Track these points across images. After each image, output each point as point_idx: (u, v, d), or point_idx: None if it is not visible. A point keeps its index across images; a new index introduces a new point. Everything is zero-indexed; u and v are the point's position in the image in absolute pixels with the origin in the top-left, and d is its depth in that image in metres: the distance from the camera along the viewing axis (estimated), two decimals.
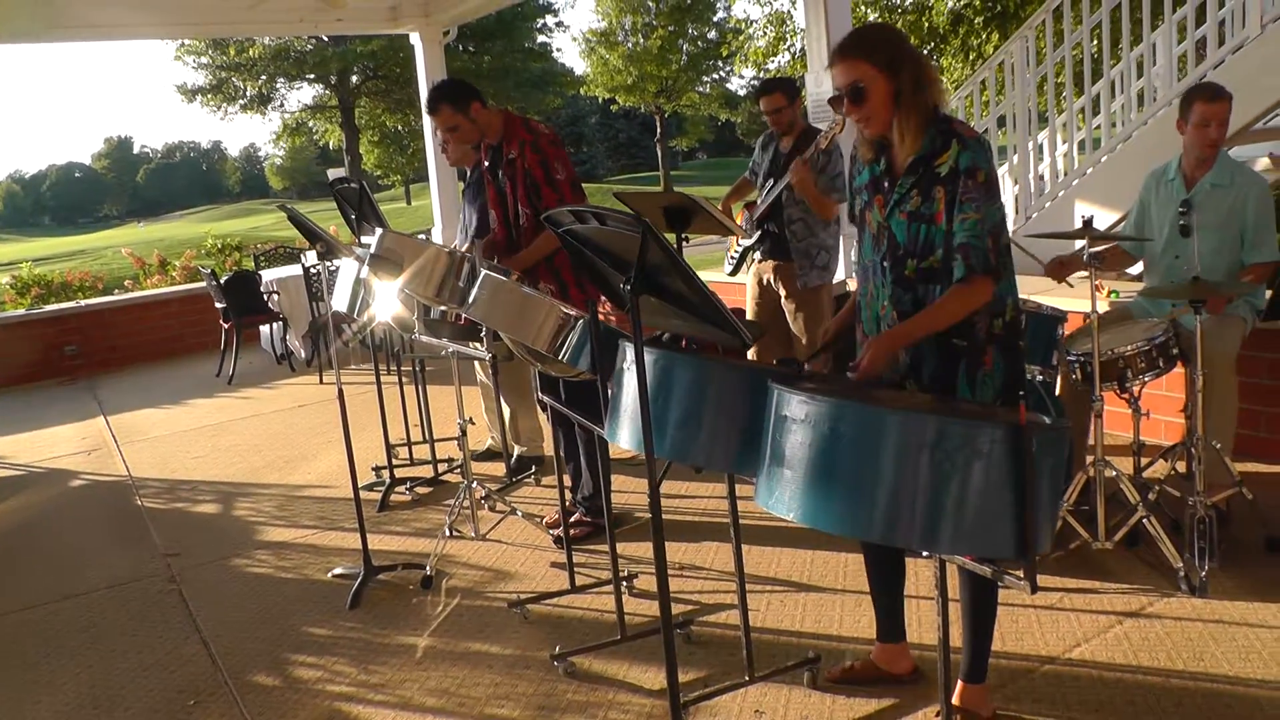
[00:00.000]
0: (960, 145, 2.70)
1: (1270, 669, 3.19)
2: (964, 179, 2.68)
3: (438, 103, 4.65)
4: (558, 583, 4.25)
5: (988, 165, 2.71)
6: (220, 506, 5.79)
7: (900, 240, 2.82)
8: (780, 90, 5.33)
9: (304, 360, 9.75)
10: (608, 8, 38.39)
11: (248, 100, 36.34)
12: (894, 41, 2.80)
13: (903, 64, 2.73)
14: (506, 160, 4.61)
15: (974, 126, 3.18)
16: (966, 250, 2.69)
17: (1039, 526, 2.10)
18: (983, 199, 2.68)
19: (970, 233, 2.68)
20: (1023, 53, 7.87)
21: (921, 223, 2.76)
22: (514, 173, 4.59)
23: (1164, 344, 4.05)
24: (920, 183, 2.76)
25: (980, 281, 2.70)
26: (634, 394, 2.76)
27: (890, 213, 2.84)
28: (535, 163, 4.52)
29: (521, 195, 4.57)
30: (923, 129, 2.75)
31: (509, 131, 4.63)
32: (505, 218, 4.70)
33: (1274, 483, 4.68)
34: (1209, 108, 4.24)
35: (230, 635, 4.09)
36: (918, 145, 2.75)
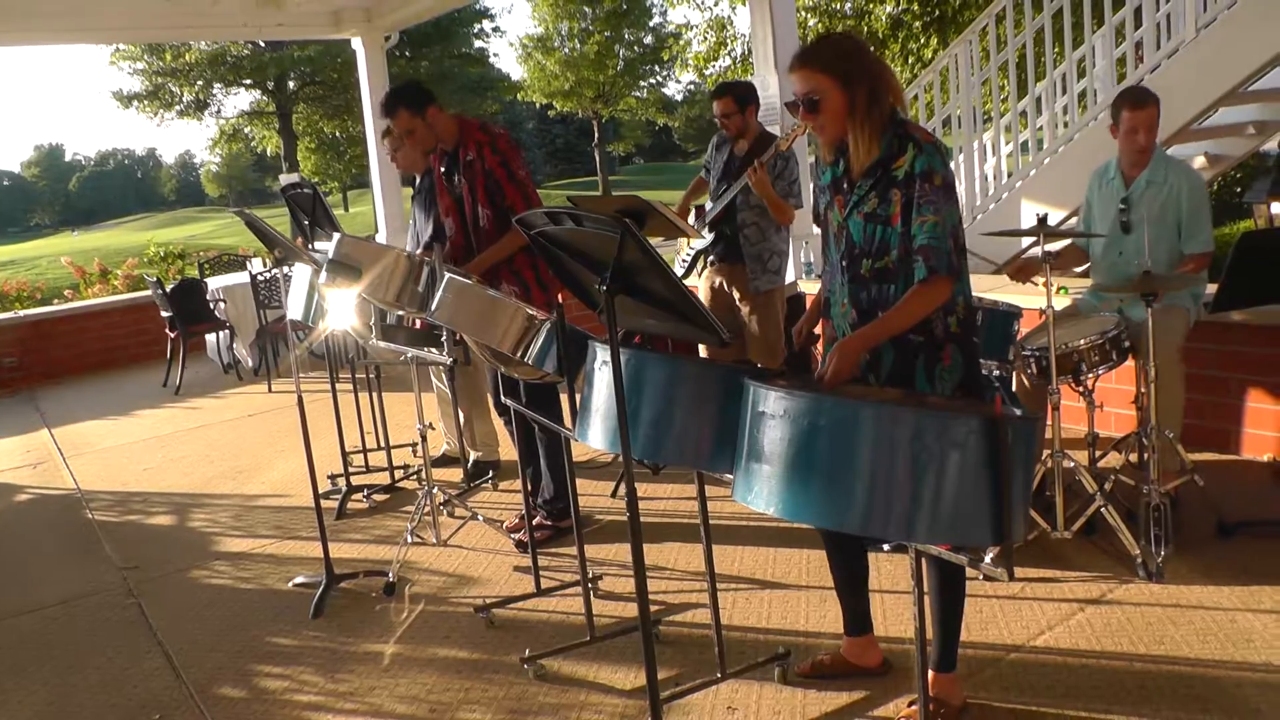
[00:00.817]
0: (916, 149, 2.76)
1: (1227, 649, 3.28)
2: (920, 182, 2.74)
3: (395, 106, 4.64)
4: (521, 587, 4.24)
5: (944, 169, 2.77)
6: (175, 518, 5.70)
7: (857, 240, 2.88)
8: (732, 95, 5.32)
9: (251, 369, 9.63)
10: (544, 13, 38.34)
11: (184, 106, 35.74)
12: (852, 54, 2.83)
13: (857, 77, 2.78)
14: (464, 163, 4.60)
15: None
16: (927, 252, 2.74)
17: (1014, 514, 2.14)
18: (941, 201, 2.74)
19: (930, 234, 2.74)
20: (966, 56, 8.00)
21: (877, 224, 2.83)
22: (473, 174, 4.58)
23: (1116, 337, 4.15)
24: (877, 185, 2.82)
25: (940, 281, 2.75)
26: (605, 394, 2.78)
27: (848, 214, 2.90)
28: (496, 163, 4.54)
29: (482, 196, 4.57)
30: (877, 136, 2.81)
31: (464, 135, 4.63)
32: (463, 223, 4.69)
33: (1221, 470, 4.81)
34: (1134, 114, 4.35)
35: (193, 648, 4.03)
36: (874, 151, 2.82)
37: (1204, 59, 6.69)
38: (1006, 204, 7.80)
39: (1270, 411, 4.90)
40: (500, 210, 4.55)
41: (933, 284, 2.75)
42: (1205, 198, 4.44)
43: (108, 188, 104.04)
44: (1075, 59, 7.57)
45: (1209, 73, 6.67)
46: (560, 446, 4.37)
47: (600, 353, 2.81)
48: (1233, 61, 6.58)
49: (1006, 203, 7.82)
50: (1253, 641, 3.31)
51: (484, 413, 5.80)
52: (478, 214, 4.60)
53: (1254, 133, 8.10)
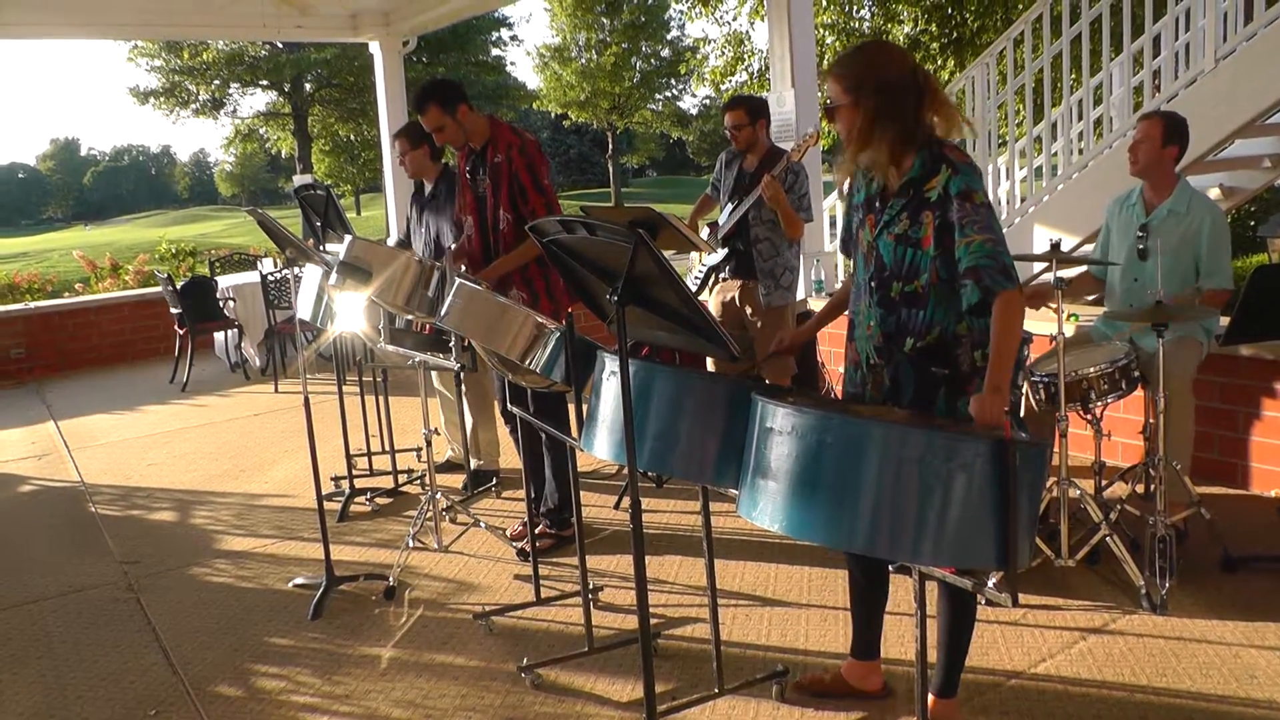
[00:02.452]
0: (951, 170, 2.70)
1: (1230, 685, 3.25)
2: (959, 202, 2.68)
3: (426, 102, 4.60)
4: (522, 595, 4.23)
5: (981, 187, 2.72)
6: (177, 514, 5.69)
7: (887, 262, 2.83)
8: (744, 107, 5.33)
9: (258, 369, 9.64)
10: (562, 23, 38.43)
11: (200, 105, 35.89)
12: (870, 66, 2.75)
13: (868, 89, 2.70)
14: (491, 164, 4.58)
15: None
16: (978, 274, 2.65)
17: (1020, 539, 2.12)
18: (986, 219, 2.68)
19: (979, 254, 2.66)
20: (984, 79, 8.01)
21: (908, 246, 2.78)
22: (499, 176, 4.56)
23: (1126, 366, 4.13)
24: (909, 206, 2.77)
25: (1010, 298, 2.66)
26: (613, 404, 2.77)
27: (879, 233, 2.84)
28: (523, 166, 4.51)
29: (504, 199, 4.55)
30: (897, 151, 2.74)
31: (496, 135, 4.61)
32: (482, 223, 4.68)
33: (1229, 503, 4.78)
34: (1139, 125, 4.42)
35: (191, 645, 4.03)
36: (903, 168, 2.76)
37: (1222, 90, 6.68)
38: (1020, 229, 7.79)
39: (1279, 447, 4.87)
40: (520, 216, 4.53)
41: (1005, 301, 2.65)
42: (1227, 234, 4.42)
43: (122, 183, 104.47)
44: (1092, 85, 7.57)
45: (1226, 104, 6.66)
46: (566, 456, 4.36)
47: (609, 363, 2.80)
48: (1251, 94, 6.57)
49: (1020, 227, 7.80)
50: (1256, 678, 3.29)
51: (489, 421, 5.80)
52: (498, 217, 4.59)
53: (1270, 166, 8.07)
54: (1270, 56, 6.43)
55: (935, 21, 13.96)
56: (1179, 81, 7.04)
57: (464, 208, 4.76)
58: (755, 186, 5.14)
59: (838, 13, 14.87)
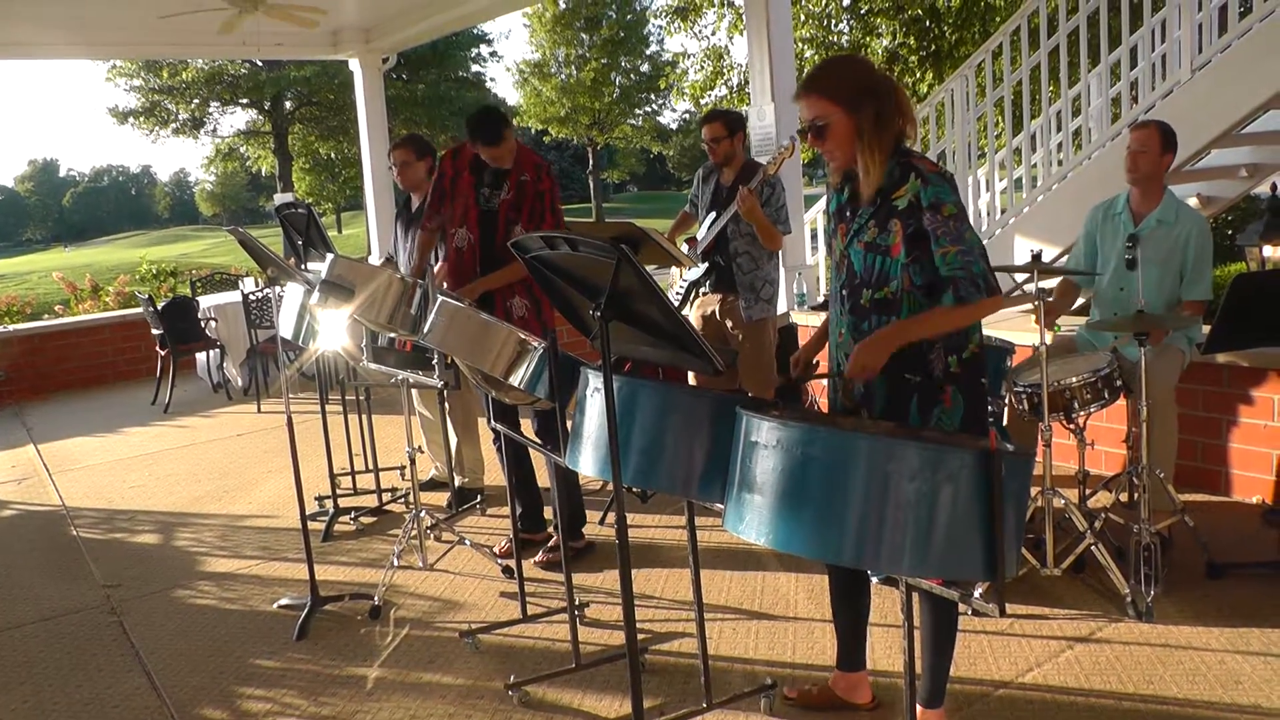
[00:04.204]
0: (921, 180, 2.72)
1: (1215, 691, 3.27)
2: (930, 214, 2.70)
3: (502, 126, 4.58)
4: (508, 612, 4.22)
5: (952, 197, 2.72)
6: (160, 537, 5.65)
7: (857, 270, 2.85)
8: (721, 120, 5.37)
9: (240, 389, 9.60)
10: (542, 39, 38.47)
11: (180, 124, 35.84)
12: (858, 77, 2.79)
13: (864, 100, 2.73)
14: (518, 181, 4.64)
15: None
16: (956, 283, 2.70)
17: (1007, 550, 2.12)
18: (958, 229, 2.70)
19: (953, 265, 2.69)
20: (962, 91, 8.05)
21: (877, 254, 2.79)
22: (524, 194, 4.64)
23: (1109, 375, 4.15)
24: (877, 214, 2.79)
25: (985, 303, 2.72)
26: (597, 420, 2.76)
27: (849, 242, 2.87)
28: (549, 189, 4.67)
29: (525, 216, 4.63)
30: (884, 162, 2.77)
31: (523, 156, 4.71)
32: (486, 238, 4.70)
33: (1212, 510, 4.81)
34: (1132, 135, 4.50)
35: (175, 668, 3.99)
36: (880, 178, 2.79)
37: (1198, 100, 6.74)
38: (1000, 240, 7.82)
39: (1260, 454, 4.90)
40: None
41: (978, 304, 2.71)
42: (1210, 246, 4.46)
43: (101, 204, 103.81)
44: (1070, 97, 7.62)
45: (1203, 114, 6.71)
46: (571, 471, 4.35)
47: (593, 379, 2.79)
48: (1227, 104, 6.63)
49: (1000, 239, 7.84)
50: (1241, 684, 3.30)
51: (473, 438, 5.78)
52: (511, 230, 4.63)
53: (1246, 175, 8.14)
54: (1245, 66, 6.49)
55: (913, 35, 14.05)
56: (1156, 92, 7.10)
57: (461, 219, 4.76)
58: (733, 200, 5.16)
59: (816, 27, 14.95)
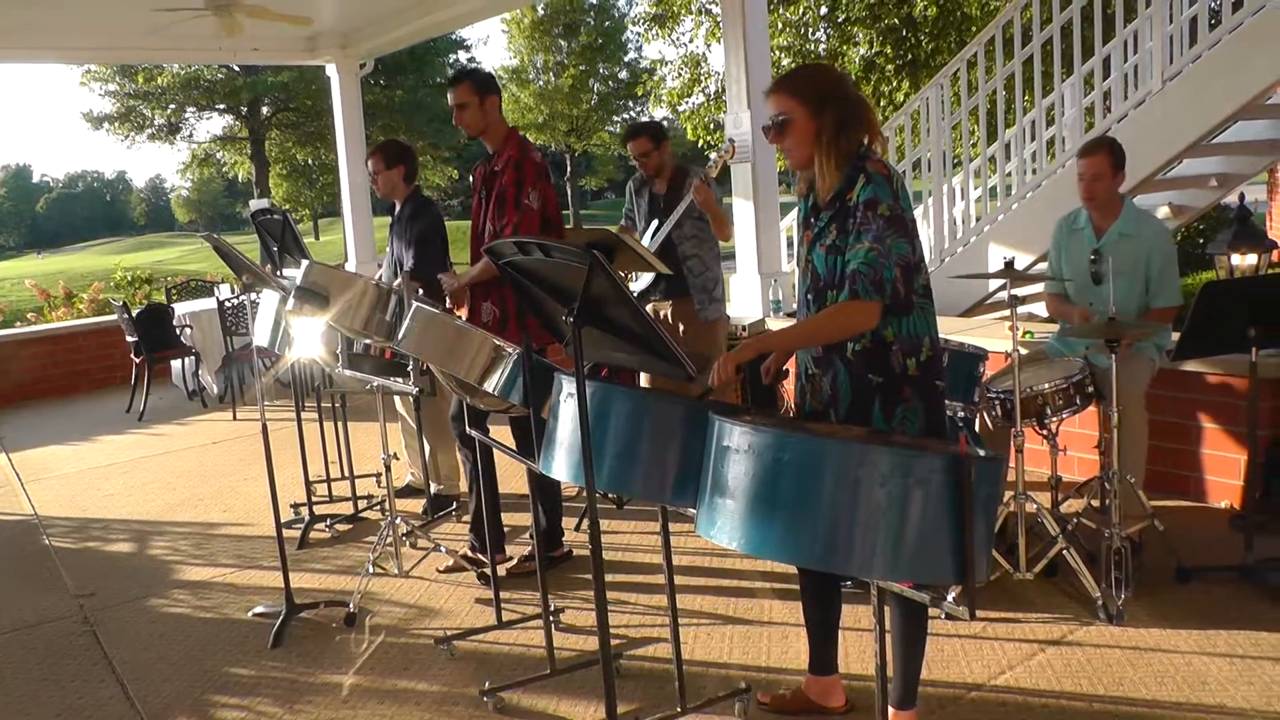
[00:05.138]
0: (865, 179, 2.77)
1: (1184, 692, 3.31)
2: (862, 210, 2.75)
3: (462, 78, 4.60)
4: (483, 618, 4.22)
5: (891, 199, 2.75)
6: (135, 546, 5.61)
7: (821, 273, 2.90)
8: (646, 134, 5.47)
9: (216, 396, 9.55)
10: (520, 45, 38.38)
11: (156, 129, 35.57)
12: (827, 83, 2.87)
13: (829, 104, 2.80)
14: (492, 171, 4.62)
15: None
16: (854, 277, 2.74)
17: (977, 554, 2.14)
18: (880, 230, 2.72)
19: (860, 260, 2.73)
20: (937, 100, 8.11)
21: (838, 255, 2.84)
22: (491, 186, 4.59)
23: (1080, 382, 4.19)
24: (836, 217, 2.84)
25: (864, 305, 2.74)
26: (571, 426, 2.77)
27: (812, 246, 2.92)
28: (511, 181, 4.52)
29: (492, 210, 4.58)
30: (841, 167, 2.82)
31: (506, 145, 4.62)
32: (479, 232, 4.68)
33: (1181, 516, 4.85)
34: (1081, 162, 4.47)
35: (149, 677, 3.97)
36: (836, 182, 2.83)
37: (1170, 111, 6.81)
38: (975, 247, 7.88)
39: (1230, 459, 4.95)
40: (496, 230, 4.55)
41: (852, 305, 2.75)
42: (1174, 254, 4.50)
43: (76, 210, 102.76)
44: (1044, 106, 7.69)
45: (1174, 124, 6.79)
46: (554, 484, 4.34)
47: (566, 385, 2.80)
48: (1197, 114, 6.71)
49: (974, 246, 7.90)
50: (1208, 684, 3.34)
51: (448, 445, 5.77)
52: (484, 227, 4.61)
53: (1216, 185, 8.23)
54: (1216, 77, 6.57)
55: (890, 44, 14.14)
56: (1128, 102, 7.17)
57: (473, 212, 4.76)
58: (671, 209, 5.29)
59: (794, 35, 15.03)
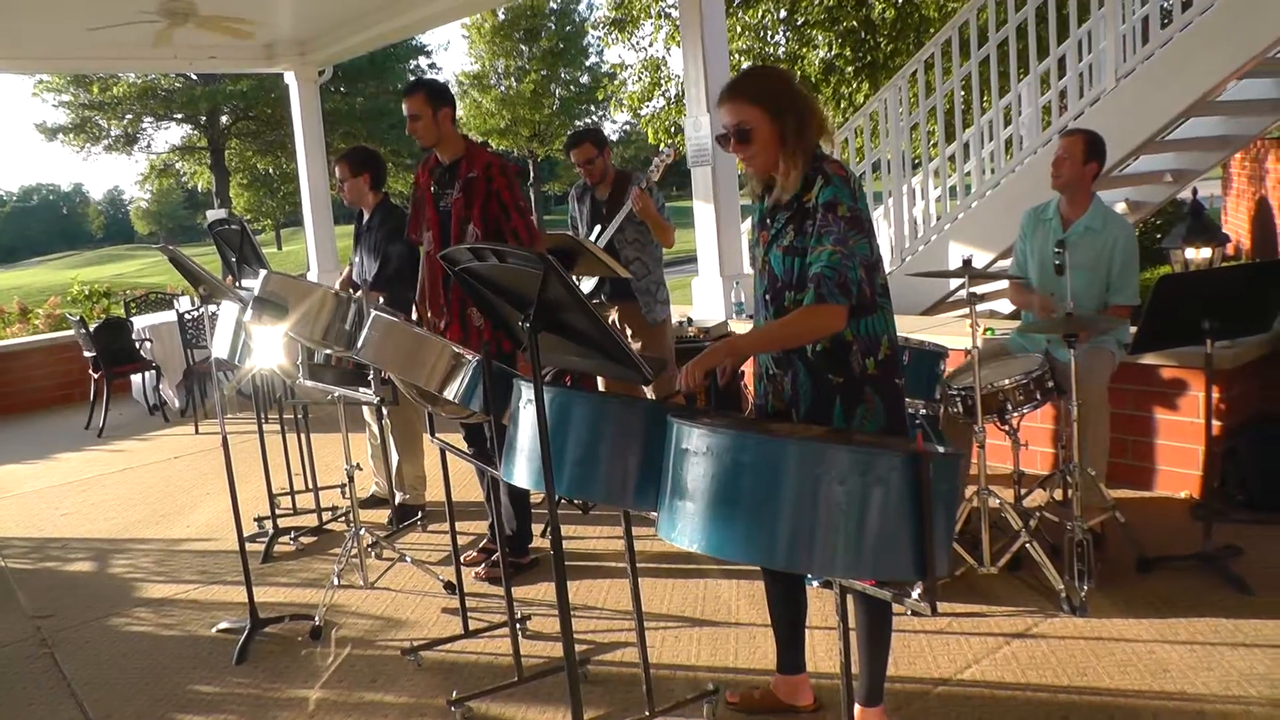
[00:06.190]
0: (824, 181, 2.79)
1: (1145, 680, 3.35)
2: (823, 212, 2.76)
3: (418, 88, 4.58)
4: (450, 628, 4.19)
5: (851, 200, 2.77)
6: (95, 564, 5.53)
7: (778, 274, 2.91)
8: (589, 140, 5.53)
9: (177, 410, 9.45)
10: (481, 50, 38.21)
11: (112, 140, 35.09)
12: (781, 86, 2.89)
13: (788, 108, 2.82)
14: (465, 179, 4.54)
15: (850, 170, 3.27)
16: (819, 279, 2.75)
17: (937, 550, 2.15)
18: (843, 232, 2.74)
19: (824, 263, 2.74)
20: (895, 101, 8.17)
21: (796, 256, 2.85)
22: (473, 191, 4.52)
23: (1040, 377, 4.22)
24: (794, 218, 2.85)
25: (830, 309, 2.75)
26: (531, 432, 2.76)
27: (769, 247, 2.93)
28: (504, 185, 4.51)
29: (477, 213, 4.50)
30: (803, 169, 2.84)
31: (471, 153, 4.60)
32: (444, 238, 4.60)
33: (1143, 506, 4.91)
34: (1060, 141, 4.60)
35: (110, 698, 3.91)
36: (797, 184, 2.85)
37: (1124, 108, 6.89)
38: (935, 246, 7.94)
39: (1188, 450, 5.01)
40: (493, 233, 4.53)
41: (820, 309, 2.76)
42: (1136, 252, 4.55)
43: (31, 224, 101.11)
44: (1002, 106, 7.76)
45: (1129, 121, 6.87)
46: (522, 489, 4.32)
47: (525, 391, 2.79)
48: (1151, 110, 6.79)
49: (935, 245, 7.96)
50: (1169, 671, 3.39)
51: (414, 455, 5.74)
52: (465, 230, 4.54)
53: (1171, 180, 8.35)
54: (1168, 75, 6.65)
55: (849, 46, 14.20)
56: (1084, 100, 7.26)
57: (425, 224, 4.70)
58: (613, 214, 5.36)
59: (753, 39, 15.07)
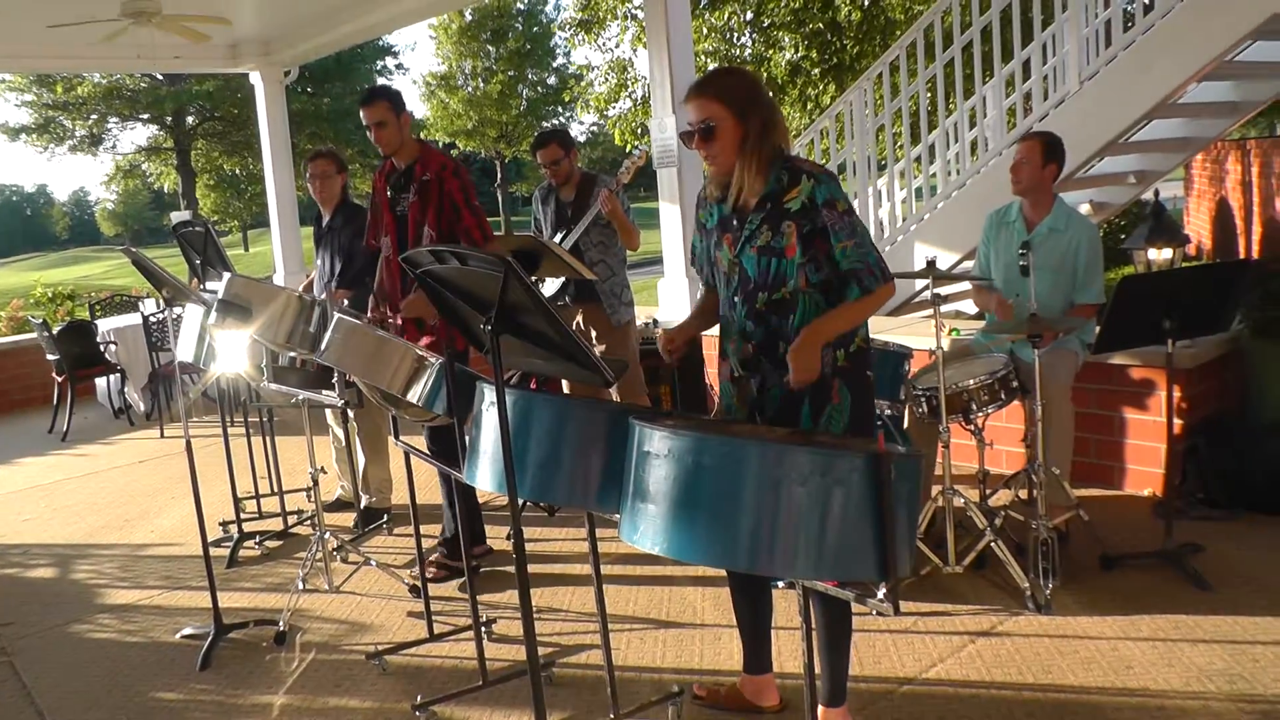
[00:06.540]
0: (813, 180, 2.83)
1: (1109, 677, 3.38)
2: (827, 211, 2.82)
3: (379, 97, 4.61)
4: (415, 632, 4.17)
5: (842, 194, 2.87)
6: (57, 571, 5.46)
7: (751, 274, 2.91)
8: (556, 141, 5.52)
9: (143, 414, 9.35)
10: (448, 51, 38.02)
11: (77, 141, 34.66)
12: (748, 87, 2.92)
13: (753, 109, 2.85)
14: (419, 181, 4.56)
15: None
16: (858, 275, 2.86)
17: (899, 550, 2.16)
18: (851, 224, 2.85)
19: (853, 258, 2.85)
20: (861, 103, 8.20)
21: (772, 256, 2.87)
22: (428, 194, 4.54)
23: (1005, 377, 4.25)
24: (769, 218, 2.86)
25: (882, 290, 2.89)
26: (493, 435, 2.75)
27: (740, 249, 2.93)
28: (457, 187, 4.55)
29: (432, 216, 4.53)
30: (765, 170, 2.86)
31: (425, 156, 4.63)
32: (401, 243, 4.61)
33: (1107, 505, 4.95)
34: (1018, 146, 4.64)
35: (71, 707, 3.86)
36: (762, 185, 2.86)
37: (1087, 110, 6.96)
38: (900, 247, 7.99)
39: (1151, 449, 5.06)
40: (446, 234, 4.53)
41: (879, 291, 2.88)
42: (1100, 252, 4.60)
43: None
44: (967, 108, 7.81)
45: (1092, 123, 6.94)
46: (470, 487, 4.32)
47: (488, 394, 2.78)
48: (1114, 113, 6.86)
49: (900, 246, 8.00)
50: (1131, 668, 3.42)
51: (381, 458, 5.71)
52: (421, 233, 4.55)
53: (1134, 182, 8.44)
54: (1130, 77, 6.72)
55: (815, 48, 14.24)
56: (1048, 102, 7.32)
57: (383, 229, 4.70)
58: (580, 216, 5.36)
59: (719, 40, 15.09)
